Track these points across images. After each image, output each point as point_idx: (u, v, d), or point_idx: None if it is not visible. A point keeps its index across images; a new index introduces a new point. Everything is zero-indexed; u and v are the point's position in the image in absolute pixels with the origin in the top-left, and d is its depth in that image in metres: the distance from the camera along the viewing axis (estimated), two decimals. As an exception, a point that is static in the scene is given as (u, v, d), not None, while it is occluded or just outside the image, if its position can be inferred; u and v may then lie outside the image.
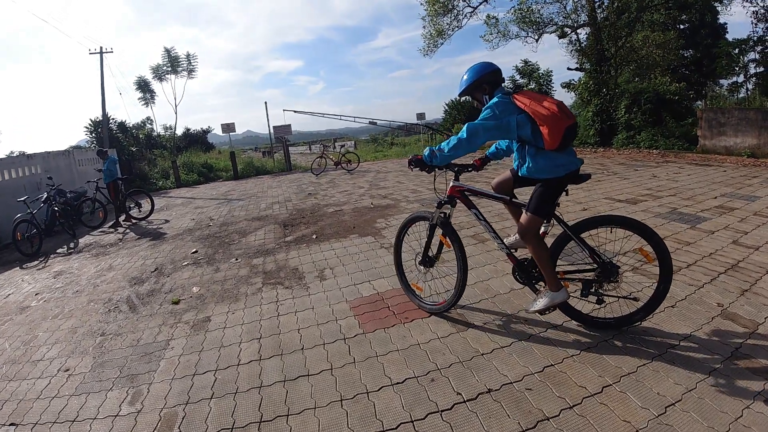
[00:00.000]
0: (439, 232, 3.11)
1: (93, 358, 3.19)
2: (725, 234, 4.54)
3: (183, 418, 2.36)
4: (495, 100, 2.59)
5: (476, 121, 2.58)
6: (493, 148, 3.18)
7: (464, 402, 2.24)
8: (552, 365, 2.50)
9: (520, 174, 2.74)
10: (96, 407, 2.57)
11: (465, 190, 3.00)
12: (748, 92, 22.81)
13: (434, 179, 3.17)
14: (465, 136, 2.54)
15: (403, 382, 2.45)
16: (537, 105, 2.49)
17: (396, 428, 2.09)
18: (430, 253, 3.24)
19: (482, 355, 2.65)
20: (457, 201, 3.06)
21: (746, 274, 3.52)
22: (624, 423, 2.02)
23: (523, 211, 2.69)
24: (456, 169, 2.98)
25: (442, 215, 3.06)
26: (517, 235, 3.03)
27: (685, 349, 2.56)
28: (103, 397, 2.66)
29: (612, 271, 2.66)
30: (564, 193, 2.65)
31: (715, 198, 6.18)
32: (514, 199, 2.92)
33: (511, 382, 2.37)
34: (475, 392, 2.30)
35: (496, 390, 2.31)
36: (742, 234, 4.50)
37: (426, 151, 2.76)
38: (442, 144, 2.68)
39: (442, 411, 2.18)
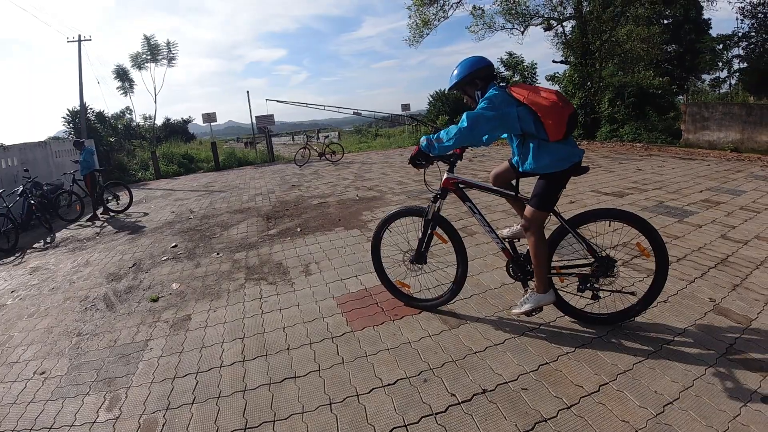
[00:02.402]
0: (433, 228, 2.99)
1: (69, 360, 3.02)
2: (713, 228, 4.55)
3: (163, 426, 2.22)
4: (491, 92, 2.47)
5: (476, 110, 2.45)
6: None
7: (459, 404, 2.15)
8: (547, 363, 2.43)
9: (521, 170, 2.64)
10: (73, 413, 2.41)
11: (460, 183, 2.87)
12: (731, 87, 23.21)
13: (424, 172, 2.91)
14: (466, 125, 2.40)
15: (394, 383, 2.35)
16: (536, 96, 2.41)
17: (389, 433, 2.00)
18: (426, 253, 3.08)
19: (475, 353, 2.57)
20: (449, 193, 2.93)
21: (736, 269, 3.51)
22: (623, 423, 1.96)
23: (527, 205, 2.60)
24: (451, 159, 2.85)
25: (436, 209, 2.93)
26: (518, 225, 2.94)
27: (680, 345, 2.52)
28: (79, 403, 2.50)
29: (609, 266, 2.61)
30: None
31: (701, 192, 6.22)
32: (514, 193, 2.80)
33: (506, 382, 2.29)
34: (469, 393, 2.22)
35: (491, 390, 2.23)
36: (730, 228, 4.52)
37: (423, 141, 2.61)
38: (441, 133, 2.54)
39: (436, 414, 2.09)
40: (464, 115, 2.44)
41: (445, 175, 2.88)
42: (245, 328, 3.16)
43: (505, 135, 2.74)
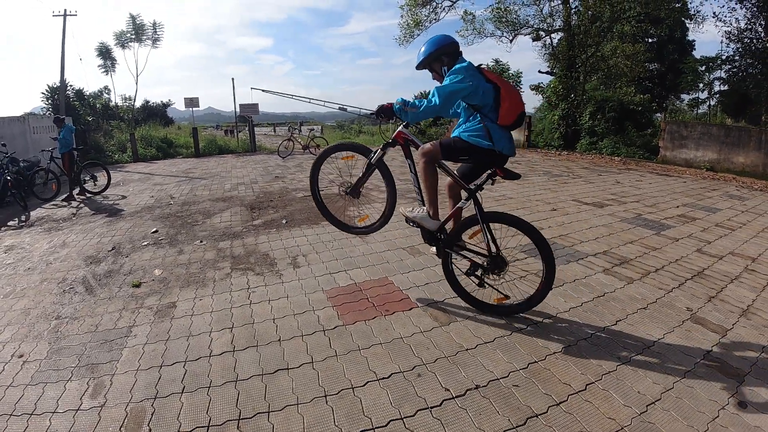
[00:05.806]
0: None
1: (48, 344, 2.90)
2: (689, 242, 4.74)
3: (152, 414, 2.16)
4: (463, 64, 2.66)
5: (445, 84, 2.61)
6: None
7: (453, 398, 2.19)
8: (536, 362, 2.50)
9: (452, 136, 2.83)
10: (55, 399, 2.31)
11: (409, 139, 3.05)
12: (710, 108, 24.06)
13: (379, 127, 3.43)
14: (438, 102, 2.58)
15: (389, 377, 2.38)
16: (503, 81, 2.68)
17: (386, 425, 2.02)
18: (361, 189, 3.43)
19: (467, 350, 2.62)
20: (397, 145, 3.12)
21: (712, 282, 3.67)
22: (609, 420, 2.04)
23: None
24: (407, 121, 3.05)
25: (382, 155, 3.13)
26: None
27: (660, 350, 2.64)
28: (61, 389, 2.41)
29: (501, 265, 2.84)
30: (490, 181, 2.77)
31: (677, 207, 6.47)
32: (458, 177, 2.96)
33: (497, 378, 2.35)
34: (462, 388, 2.27)
35: (483, 386, 2.28)
36: (706, 243, 4.72)
37: (398, 103, 2.75)
38: (417, 101, 2.70)
39: (431, 407, 2.13)
40: (434, 90, 2.59)
41: (399, 128, 3.06)
42: (234, 318, 3.12)
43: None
